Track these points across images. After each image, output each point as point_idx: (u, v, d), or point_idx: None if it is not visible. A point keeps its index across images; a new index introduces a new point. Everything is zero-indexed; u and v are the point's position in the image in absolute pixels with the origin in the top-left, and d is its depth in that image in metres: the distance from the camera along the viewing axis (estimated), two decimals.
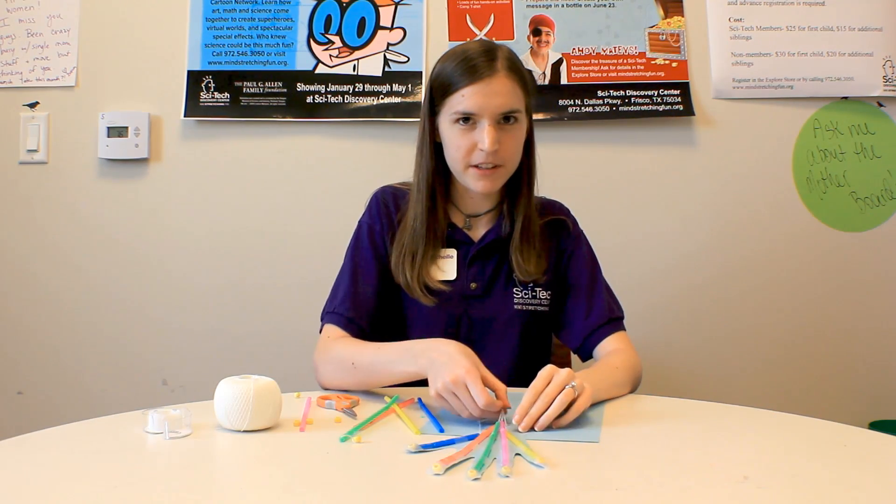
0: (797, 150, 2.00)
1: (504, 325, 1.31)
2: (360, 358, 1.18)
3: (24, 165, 2.01)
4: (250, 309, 1.99)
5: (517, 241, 1.30)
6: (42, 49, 2.01)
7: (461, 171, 1.26)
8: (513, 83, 1.23)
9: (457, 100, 1.22)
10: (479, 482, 0.78)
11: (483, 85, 1.21)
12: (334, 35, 1.98)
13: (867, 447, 0.94)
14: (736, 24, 1.98)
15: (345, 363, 1.19)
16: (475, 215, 1.34)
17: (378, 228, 1.33)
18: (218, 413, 0.96)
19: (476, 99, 1.21)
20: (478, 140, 1.22)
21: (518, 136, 1.26)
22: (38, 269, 2.02)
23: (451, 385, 1.00)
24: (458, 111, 1.22)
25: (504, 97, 1.22)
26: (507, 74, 1.22)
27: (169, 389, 2.00)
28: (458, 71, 1.23)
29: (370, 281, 1.30)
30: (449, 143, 1.26)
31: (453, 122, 1.24)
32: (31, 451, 0.88)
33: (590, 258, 1.37)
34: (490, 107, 1.21)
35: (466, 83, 1.21)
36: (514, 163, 1.28)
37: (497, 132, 1.22)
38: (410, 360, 1.10)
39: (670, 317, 1.99)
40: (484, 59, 1.22)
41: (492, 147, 1.20)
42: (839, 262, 2.00)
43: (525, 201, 1.31)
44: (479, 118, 1.22)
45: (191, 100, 1.97)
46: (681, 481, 0.79)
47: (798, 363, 2.00)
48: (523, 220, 1.30)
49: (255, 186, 2.00)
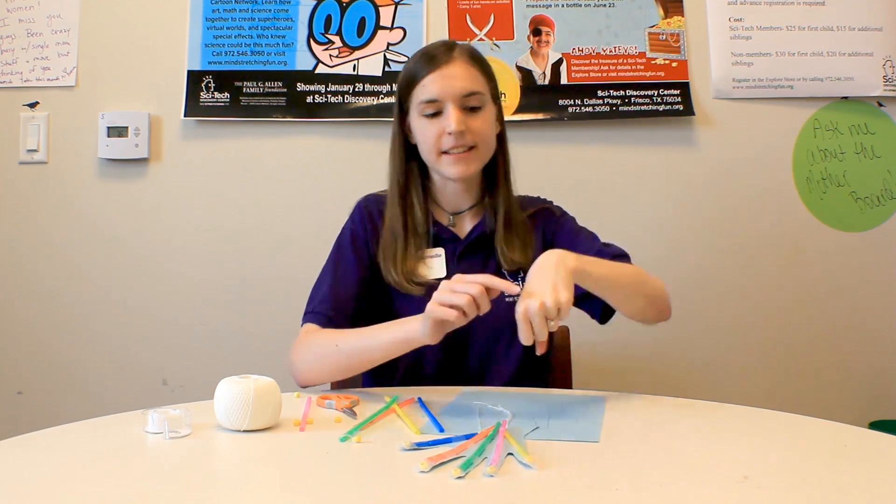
0: (797, 149, 2.00)
1: (497, 320, 1.29)
2: (345, 339, 1.20)
3: (24, 165, 2.01)
4: (250, 309, 1.99)
5: (501, 232, 1.32)
6: (42, 49, 2.01)
7: (435, 161, 1.29)
8: (472, 67, 1.28)
9: (419, 91, 1.28)
10: (467, 481, 0.78)
11: (442, 70, 1.26)
12: (334, 35, 1.98)
13: (867, 447, 0.93)
14: (736, 23, 1.98)
15: (328, 347, 1.20)
16: (458, 212, 1.36)
17: (361, 234, 1.34)
18: (218, 413, 0.96)
19: (436, 84, 1.26)
20: (444, 125, 1.26)
21: (486, 119, 1.29)
22: (38, 269, 2.02)
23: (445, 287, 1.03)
24: (422, 100, 1.27)
25: (464, 80, 1.26)
26: (465, 60, 1.28)
27: (169, 389, 2.00)
28: (419, 64, 1.29)
29: (351, 282, 1.31)
30: (420, 135, 1.30)
31: (420, 113, 1.28)
32: (31, 451, 0.88)
33: (577, 226, 1.38)
34: (451, 89, 1.26)
35: (427, 72, 1.27)
36: (486, 144, 1.30)
37: (463, 115, 1.26)
38: (398, 327, 1.14)
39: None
40: (442, 49, 1.29)
41: (458, 126, 1.24)
42: (839, 262, 2.00)
43: (504, 192, 1.34)
44: (443, 103, 1.26)
45: (191, 100, 1.97)
46: (681, 481, 0.79)
47: (798, 363, 2.00)
48: (504, 211, 1.33)
49: (255, 186, 2.00)
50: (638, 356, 1.96)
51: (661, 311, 1.28)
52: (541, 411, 1.05)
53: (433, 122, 1.27)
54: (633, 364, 1.94)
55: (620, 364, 1.93)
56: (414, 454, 0.86)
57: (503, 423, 0.95)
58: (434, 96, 1.26)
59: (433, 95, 1.26)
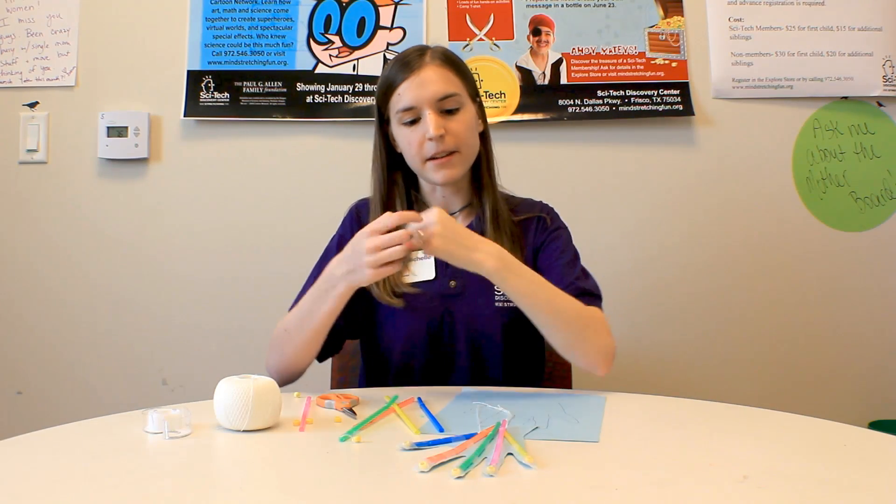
0: (797, 149, 2.00)
1: (487, 324, 1.30)
2: (289, 321, 1.24)
3: (24, 165, 2.01)
4: (250, 309, 1.99)
5: (489, 231, 1.30)
6: (42, 49, 2.01)
7: (420, 167, 1.29)
8: (444, 70, 1.27)
9: (396, 100, 1.27)
10: (467, 481, 0.78)
11: (414, 76, 1.26)
12: (334, 35, 1.98)
13: (867, 447, 0.93)
14: (736, 23, 1.98)
15: (280, 336, 1.24)
16: (450, 214, 1.34)
17: (349, 238, 1.33)
18: (218, 413, 0.96)
19: (411, 92, 1.25)
20: (424, 131, 1.25)
21: (465, 121, 1.28)
22: (38, 269, 2.02)
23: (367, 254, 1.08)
24: (399, 109, 1.27)
25: (437, 84, 1.26)
26: (437, 63, 1.28)
27: (169, 389, 2.00)
28: (393, 72, 1.28)
29: None
30: (402, 144, 1.30)
31: (399, 122, 1.28)
32: (31, 451, 0.88)
33: (565, 245, 1.34)
34: (425, 95, 1.25)
35: (401, 80, 1.26)
36: (468, 147, 1.29)
37: (441, 119, 1.25)
38: (324, 294, 1.17)
39: (669, 316, 1.99)
40: (415, 55, 1.28)
41: (436, 132, 1.23)
42: (839, 262, 2.00)
43: (489, 191, 1.33)
44: (420, 110, 1.25)
45: (191, 100, 1.97)
46: (681, 481, 0.79)
47: (798, 363, 2.00)
48: (491, 209, 1.32)
49: (254, 186, 2.00)
50: (638, 356, 1.96)
51: (592, 362, 1.19)
52: (541, 411, 1.05)
53: (413, 130, 1.27)
54: (632, 364, 1.94)
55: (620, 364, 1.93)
56: (414, 454, 0.86)
57: (503, 423, 0.94)
58: (410, 104, 1.25)
59: (409, 103, 1.25)
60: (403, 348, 1.30)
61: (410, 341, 1.29)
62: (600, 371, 1.20)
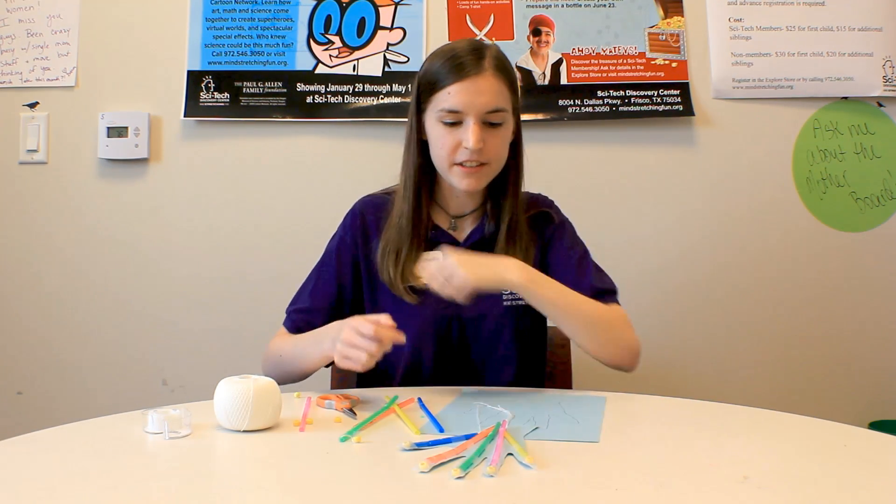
0: (797, 150, 2.00)
1: (495, 324, 1.30)
2: (284, 349, 1.27)
3: (24, 165, 2.02)
4: (250, 309, 1.99)
5: (503, 241, 1.29)
6: (42, 49, 2.01)
7: (446, 168, 1.26)
8: (499, 82, 1.23)
9: (442, 97, 1.22)
10: (467, 481, 0.77)
11: (469, 83, 1.21)
12: (334, 35, 1.98)
13: (867, 447, 0.93)
14: (736, 24, 1.98)
15: (274, 357, 1.28)
16: (460, 216, 1.34)
17: (349, 241, 1.34)
18: (218, 413, 0.96)
19: (462, 96, 1.21)
20: (462, 138, 1.22)
21: (503, 136, 1.26)
22: (38, 269, 2.02)
23: (342, 343, 1.09)
24: (444, 108, 1.22)
25: (490, 95, 1.22)
26: (494, 73, 1.22)
27: (169, 389, 2.00)
28: (445, 68, 1.23)
29: (329, 291, 1.33)
30: (434, 140, 1.26)
31: (439, 119, 1.24)
32: (31, 451, 0.88)
33: (573, 241, 1.35)
34: (476, 105, 1.21)
35: (453, 80, 1.21)
36: (499, 162, 1.28)
37: (482, 131, 1.22)
38: (317, 345, 1.19)
39: (669, 316, 1.99)
40: (471, 58, 1.22)
41: (476, 145, 1.21)
42: (839, 262, 2.00)
43: (511, 202, 1.31)
44: (465, 116, 1.22)
45: (191, 100, 1.97)
46: (681, 481, 0.79)
47: (798, 363, 2.00)
48: (509, 220, 1.30)
49: (254, 186, 2.00)
50: None
51: (620, 360, 1.22)
52: (541, 411, 1.05)
53: (450, 132, 1.23)
54: None
55: None
56: (414, 454, 0.86)
57: (503, 424, 0.94)
58: (458, 107, 1.21)
59: (456, 107, 1.21)
60: (412, 348, 1.30)
61: (419, 341, 1.29)
62: (630, 368, 1.23)
